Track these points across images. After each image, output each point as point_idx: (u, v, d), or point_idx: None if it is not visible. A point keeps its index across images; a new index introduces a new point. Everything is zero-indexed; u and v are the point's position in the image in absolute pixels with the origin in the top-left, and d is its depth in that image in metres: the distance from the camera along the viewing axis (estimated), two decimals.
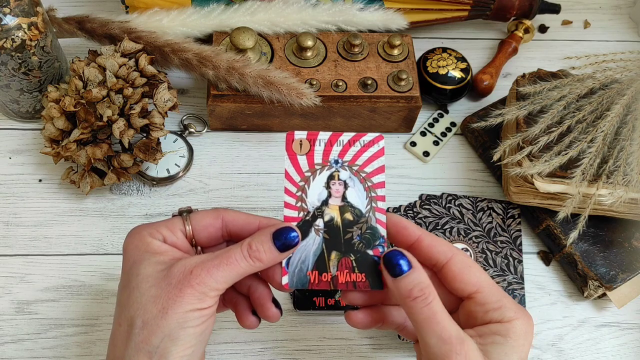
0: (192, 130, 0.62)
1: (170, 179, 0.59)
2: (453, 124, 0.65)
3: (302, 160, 0.40)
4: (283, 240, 0.38)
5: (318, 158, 0.40)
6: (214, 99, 0.59)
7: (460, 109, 0.67)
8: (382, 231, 0.39)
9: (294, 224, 0.39)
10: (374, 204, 0.40)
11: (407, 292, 0.37)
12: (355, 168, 0.40)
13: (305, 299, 0.52)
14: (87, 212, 0.57)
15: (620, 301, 0.54)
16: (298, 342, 0.52)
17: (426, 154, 0.63)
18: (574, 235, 0.53)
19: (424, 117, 0.65)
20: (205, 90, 0.65)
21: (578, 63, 0.72)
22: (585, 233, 0.55)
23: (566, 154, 0.53)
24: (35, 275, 0.53)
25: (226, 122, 0.61)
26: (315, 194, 0.40)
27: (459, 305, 0.40)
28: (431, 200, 0.57)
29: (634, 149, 0.53)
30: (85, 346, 0.50)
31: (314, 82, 0.59)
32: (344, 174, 0.40)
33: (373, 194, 0.40)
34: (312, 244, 0.40)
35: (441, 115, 0.66)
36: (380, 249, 0.39)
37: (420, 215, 0.55)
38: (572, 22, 0.77)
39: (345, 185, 0.40)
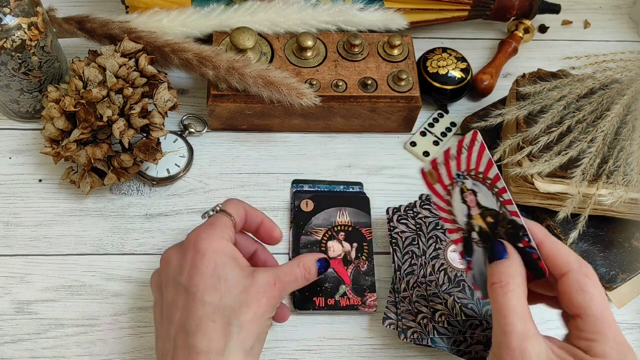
0: (192, 130, 0.62)
1: (170, 179, 0.59)
2: (453, 124, 0.65)
3: (439, 189, 0.44)
4: (323, 265, 0.47)
5: (446, 180, 0.43)
6: (214, 99, 0.59)
7: (460, 109, 0.67)
8: (519, 221, 0.40)
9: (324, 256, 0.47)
10: (500, 199, 0.41)
11: (491, 277, 0.40)
12: (473, 172, 0.42)
13: (305, 299, 0.52)
14: (87, 212, 0.57)
15: (620, 301, 0.54)
16: (298, 342, 0.52)
17: (426, 154, 0.63)
18: (574, 235, 0.53)
19: (424, 117, 0.65)
20: (205, 90, 0.65)
21: (578, 63, 0.72)
22: (585, 233, 0.55)
23: (566, 154, 0.53)
24: (35, 275, 0.53)
25: (226, 122, 0.61)
26: (459, 212, 0.43)
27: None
28: (431, 201, 0.57)
29: (634, 149, 0.53)
30: (85, 346, 0.50)
31: (314, 82, 0.59)
32: (469, 183, 0.42)
33: (495, 189, 0.41)
34: (480, 256, 0.43)
35: (441, 115, 0.66)
36: (526, 239, 0.40)
37: (420, 215, 0.55)
38: (572, 22, 0.77)
39: (475, 193, 0.42)
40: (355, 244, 0.55)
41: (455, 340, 0.48)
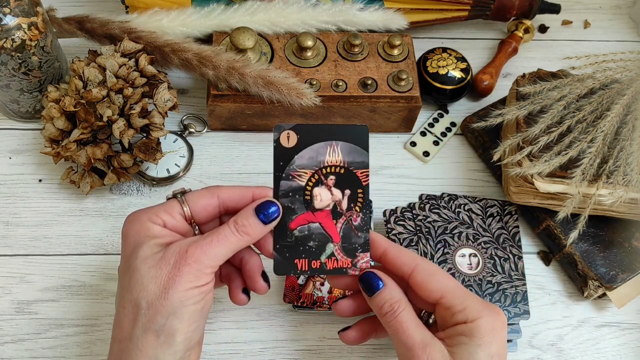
0: (192, 130, 0.62)
1: (170, 179, 0.59)
2: (453, 124, 0.65)
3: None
4: (265, 213, 0.40)
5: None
6: (214, 99, 0.59)
7: (460, 109, 0.67)
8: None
9: (273, 197, 0.41)
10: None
11: (379, 308, 0.41)
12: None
13: (286, 261, 0.43)
14: (87, 212, 0.57)
15: (620, 301, 0.54)
16: (298, 342, 0.52)
17: (426, 154, 0.63)
18: (574, 235, 0.53)
19: (424, 117, 0.65)
20: (205, 90, 0.65)
21: (578, 63, 0.72)
22: (585, 233, 0.55)
23: (566, 154, 0.53)
24: (35, 275, 0.53)
25: (226, 122, 0.61)
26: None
27: (434, 307, 0.42)
28: (434, 203, 0.57)
29: (634, 149, 0.53)
30: (85, 346, 0.50)
31: (314, 82, 0.59)
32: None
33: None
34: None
35: (441, 115, 0.66)
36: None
37: (419, 217, 0.55)
38: (572, 22, 0.77)
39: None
40: (347, 191, 0.43)
41: None
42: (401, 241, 0.54)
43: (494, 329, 0.39)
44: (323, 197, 0.43)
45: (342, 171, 0.43)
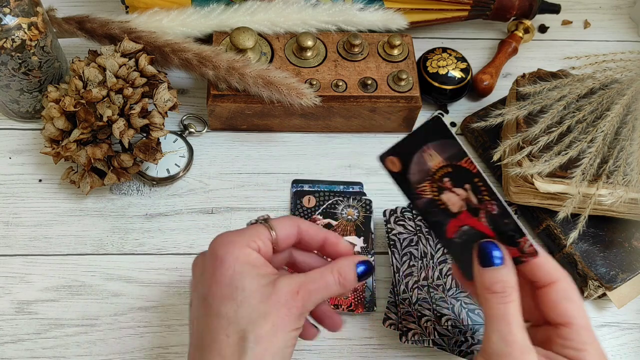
0: (192, 130, 0.62)
1: (170, 179, 0.59)
2: (453, 124, 0.65)
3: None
4: (365, 270, 0.40)
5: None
6: (214, 99, 0.59)
7: (460, 109, 0.67)
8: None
9: (370, 257, 0.41)
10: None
11: (489, 284, 0.37)
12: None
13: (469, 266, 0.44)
14: (87, 212, 0.57)
15: (620, 301, 0.54)
16: (298, 342, 0.51)
17: None
18: (574, 235, 0.53)
19: (424, 117, 0.65)
20: (205, 90, 0.65)
21: (578, 63, 0.72)
22: (585, 233, 0.55)
23: (566, 154, 0.53)
24: (35, 275, 0.53)
25: (226, 122, 0.61)
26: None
27: (542, 322, 0.39)
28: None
29: (634, 149, 0.53)
30: (85, 346, 0.50)
31: (314, 82, 0.59)
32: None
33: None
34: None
35: (441, 115, 0.66)
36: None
37: (419, 217, 0.55)
38: (572, 22, 0.77)
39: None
40: (467, 185, 0.41)
41: (457, 340, 0.48)
42: (401, 241, 0.54)
43: None
44: (452, 200, 0.42)
45: (449, 169, 0.41)
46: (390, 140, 0.64)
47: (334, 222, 0.56)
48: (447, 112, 0.66)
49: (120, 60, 0.54)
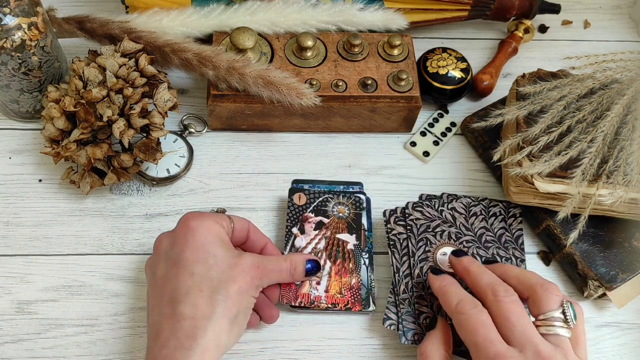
0: (192, 130, 0.62)
1: (170, 179, 0.59)
2: (453, 124, 0.65)
3: None
4: (313, 267, 0.49)
5: None
6: (214, 99, 0.59)
7: (460, 109, 0.67)
8: None
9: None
10: None
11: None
12: None
13: None
14: (87, 212, 0.57)
15: (620, 301, 0.54)
16: (298, 342, 0.52)
17: (426, 154, 0.63)
18: (574, 235, 0.53)
19: (424, 117, 0.65)
20: (205, 90, 0.65)
21: (578, 63, 0.72)
22: (585, 233, 0.55)
23: (566, 154, 0.53)
24: (35, 275, 0.53)
25: (226, 122, 0.61)
26: None
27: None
28: (424, 203, 0.57)
29: (634, 149, 0.53)
30: (85, 346, 0.50)
31: (314, 82, 0.59)
32: None
33: None
34: None
35: (441, 115, 0.66)
36: None
37: (411, 217, 0.55)
38: (572, 22, 0.77)
39: None
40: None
41: (456, 341, 0.48)
42: (401, 241, 0.54)
43: None
44: None
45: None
46: (390, 140, 0.64)
47: (326, 220, 0.55)
48: (447, 112, 0.66)
49: (120, 60, 0.54)
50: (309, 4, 0.63)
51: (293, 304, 0.51)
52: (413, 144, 0.63)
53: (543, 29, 0.75)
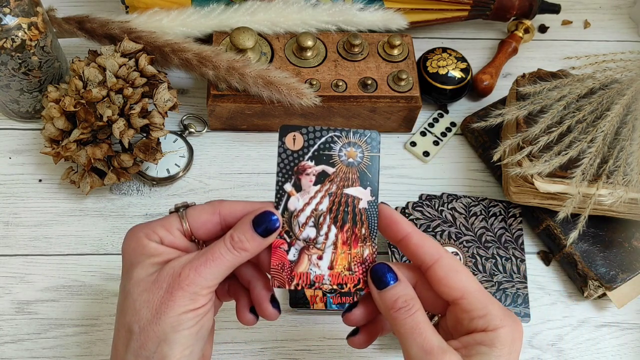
0: (192, 130, 0.62)
1: (170, 179, 0.59)
2: (453, 124, 0.65)
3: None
4: (264, 225, 0.37)
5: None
6: (214, 99, 0.59)
7: (460, 109, 0.67)
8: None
9: (272, 208, 0.38)
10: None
11: (391, 303, 0.37)
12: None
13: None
14: (87, 212, 0.57)
15: (620, 301, 0.54)
16: (298, 342, 0.52)
17: (426, 154, 0.63)
18: (574, 235, 0.53)
19: (424, 117, 0.65)
20: (205, 90, 0.65)
21: (578, 63, 0.72)
22: (585, 233, 0.55)
23: (566, 154, 0.53)
24: (35, 275, 0.53)
25: (226, 122, 0.61)
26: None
27: (446, 308, 0.39)
28: (424, 203, 0.57)
29: (634, 149, 0.53)
30: (85, 346, 0.50)
31: (314, 82, 0.59)
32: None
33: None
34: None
35: (441, 115, 0.66)
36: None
37: (411, 217, 0.55)
38: (572, 22, 0.77)
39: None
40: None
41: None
42: None
43: (514, 341, 0.37)
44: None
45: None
46: (391, 140, 0.64)
47: (330, 170, 0.41)
48: (447, 112, 0.66)
49: (120, 60, 0.54)
50: (309, 4, 0.63)
51: (288, 287, 0.40)
52: (413, 144, 0.63)
53: (543, 29, 0.75)
